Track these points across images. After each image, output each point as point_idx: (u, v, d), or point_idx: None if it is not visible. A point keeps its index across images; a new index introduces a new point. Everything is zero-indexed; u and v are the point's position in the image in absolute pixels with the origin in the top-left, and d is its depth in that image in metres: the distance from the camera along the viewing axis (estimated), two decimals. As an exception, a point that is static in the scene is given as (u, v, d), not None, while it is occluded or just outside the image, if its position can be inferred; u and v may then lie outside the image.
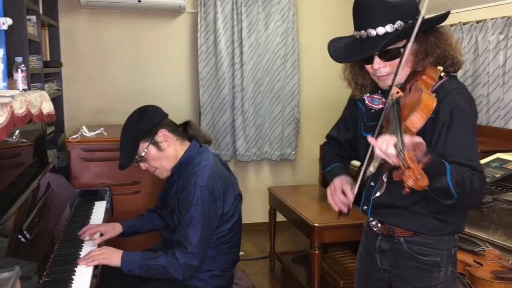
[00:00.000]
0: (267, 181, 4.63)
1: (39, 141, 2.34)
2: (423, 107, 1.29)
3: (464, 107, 1.41)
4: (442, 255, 1.53)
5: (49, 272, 1.72)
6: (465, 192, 1.31)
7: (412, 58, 1.46)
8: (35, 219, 1.85)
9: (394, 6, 1.40)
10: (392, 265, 1.61)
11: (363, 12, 1.44)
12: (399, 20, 1.40)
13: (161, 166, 2.08)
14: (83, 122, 3.78)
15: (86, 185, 3.00)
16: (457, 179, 1.30)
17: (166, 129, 2.05)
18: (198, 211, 1.93)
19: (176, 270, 1.90)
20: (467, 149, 1.39)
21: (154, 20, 4.26)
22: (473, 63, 3.52)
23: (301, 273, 3.45)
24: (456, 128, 1.39)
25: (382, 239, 1.62)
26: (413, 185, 1.13)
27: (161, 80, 4.28)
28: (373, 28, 1.41)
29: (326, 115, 4.53)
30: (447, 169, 1.29)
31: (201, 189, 1.94)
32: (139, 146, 2.02)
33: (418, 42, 1.44)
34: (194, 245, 1.91)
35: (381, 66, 1.46)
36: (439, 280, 1.54)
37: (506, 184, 2.30)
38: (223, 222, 2.06)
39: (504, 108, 3.24)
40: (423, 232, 1.52)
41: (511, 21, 3.13)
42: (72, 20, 4.07)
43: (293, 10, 4.43)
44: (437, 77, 1.43)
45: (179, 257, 1.90)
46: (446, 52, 1.44)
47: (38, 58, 3.04)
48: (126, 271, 1.92)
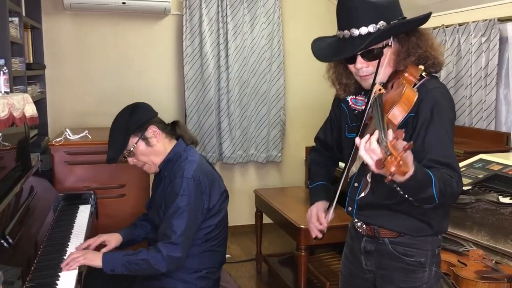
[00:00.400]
0: (253, 183, 4.63)
1: (22, 145, 2.31)
2: (404, 99, 1.33)
3: (444, 107, 1.45)
4: (426, 256, 1.55)
5: (32, 277, 1.69)
6: (445, 196, 1.35)
7: (394, 57, 1.48)
8: (18, 223, 1.82)
9: (377, 6, 1.42)
10: (377, 266, 1.62)
11: (346, 12, 1.45)
12: (382, 21, 1.42)
13: (150, 161, 2.10)
14: (67, 125, 3.74)
15: (70, 188, 2.97)
16: (440, 188, 1.32)
17: (156, 126, 2.08)
18: (184, 201, 1.94)
19: (159, 263, 1.89)
20: (445, 147, 1.42)
21: (139, 22, 4.23)
22: (455, 65, 3.56)
23: (287, 275, 3.45)
24: (435, 126, 1.42)
25: (367, 240, 1.63)
26: (396, 171, 1.13)
27: (146, 82, 4.26)
28: (356, 28, 1.43)
29: (312, 117, 4.56)
30: (432, 181, 1.31)
31: (187, 181, 1.96)
32: (129, 141, 2.04)
33: (400, 42, 1.47)
34: (178, 235, 1.91)
35: (363, 66, 1.48)
36: (423, 281, 1.55)
37: (489, 185, 2.33)
38: (209, 217, 2.06)
39: (486, 110, 3.29)
40: (408, 233, 1.54)
41: (493, 24, 3.18)
42: (55, 22, 4.02)
43: (278, 12, 4.44)
44: (418, 75, 1.46)
45: (162, 249, 1.89)
46: (427, 53, 1.47)
47: (21, 61, 3.00)
48: (108, 271, 1.90)
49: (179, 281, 2.03)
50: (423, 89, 1.46)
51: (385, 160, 1.14)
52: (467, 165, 2.58)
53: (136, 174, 3.15)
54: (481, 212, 2.12)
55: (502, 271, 1.89)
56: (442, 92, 1.48)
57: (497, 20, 3.16)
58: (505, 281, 1.83)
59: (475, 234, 2.15)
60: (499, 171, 2.41)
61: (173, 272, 2.02)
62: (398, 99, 1.33)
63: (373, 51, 1.45)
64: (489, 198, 2.13)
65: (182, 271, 2.04)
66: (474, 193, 2.23)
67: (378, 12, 1.42)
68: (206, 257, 2.08)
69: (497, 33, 3.16)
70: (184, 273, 2.03)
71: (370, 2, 1.42)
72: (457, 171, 1.41)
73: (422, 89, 1.46)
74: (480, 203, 2.13)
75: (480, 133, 3.31)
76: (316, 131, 1.88)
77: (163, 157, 2.10)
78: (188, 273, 2.03)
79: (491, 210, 2.09)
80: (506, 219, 2.03)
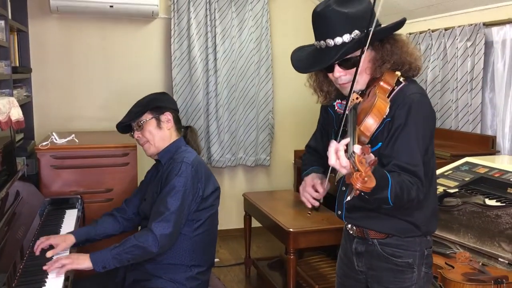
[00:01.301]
0: (242, 187, 4.62)
1: (8, 149, 2.28)
2: (375, 111, 1.36)
3: (419, 113, 1.46)
4: (414, 257, 1.57)
5: (18, 283, 1.67)
6: (402, 201, 1.39)
7: (370, 65, 1.51)
8: (3, 228, 1.80)
9: (350, 16, 1.45)
10: (367, 267, 1.64)
11: (321, 23, 1.49)
12: (356, 30, 1.45)
13: (153, 141, 2.17)
14: (53, 129, 3.70)
15: (57, 193, 2.94)
16: (396, 193, 1.36)
17: (172, 115, 2.21)
18: (181, 182, 2.00)
19: (151, 244, 1.90)
20: (412, 154, 1.44)
21: (127, 25, 4.21)
22: (442, 69, 3.60)
23: (276, 279, 3.45)
24: (406, 132, 1.44)
25: (357, 242, 1.66)
26: (361, 188, 1.18)
27: (133, 86, 4.23)
28: (332, 39, 1.47)
29: (301, 121, 4.57)
30: (389, 184, 1.35)
31: (186, 165, 2.04)
32: (144, 114, 2.16)
33: (375, 50, 1.50)
34: (171, 212, 1.94)
35: (341, 74, 1.51)
36: (412, 281, 1.57)
37: (475, 187, 2.36)
38: (201, 209, 2.08)
39: (472, 113, 3.33)
40: (395, 234, 1.56)
41: (478, 28, 3.22)
42: (42, 25, 3.99)
43: (267, 16, 4.45)
44: (394, 82, 1.49)
45: (154, 228, 1.92)
46: (402, 58, 1.50)
47: (7, 64, 2.97)
48: (100, 269, 1.88)
49: (169, 281, 2.03)
50: (401, 94, 1.48)
51: (351, 176, 1.19)
52: (453, 168, 2.61)
53: (123, 178, 3.13)
54: (467, 215, 2.14)
55: (489, 273, 1.91)
56: (419, 98, 1.48)
57: (482, 24, 3.20)
58: (492, 283, 1.85)
59: (462, 236, 2.17)
60: (485, 174, 2.43)
61: (164, 272, 2.02)
62: (370, 111, 1.36)
63: (350, 59, 1.48)
64: (476, 200, 2.15)
65: (172, 270, 2.04)
66: (460, 195, 2.25)
67: (352, 22, 1.45)
68: (196, 253, 2.09)
69: (483, 37, 3.20)
70: (173, 273, 2.03)
71: (343, 13, 1.45)
72: (420, 179, 1.43)
73: (399, 94, 1.49)
74: (467, 206, 2.15)
75: (466, 137, 3.34)
76: (304, 135, 1.90)
77: (165, 144, 2.18)
78: (178, 272, 2.03)
79: (477, 213, 2.11)
80: (492, 221, 2.05)
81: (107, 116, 4.14)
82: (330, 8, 1.47)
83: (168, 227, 1.93)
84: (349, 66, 1.49)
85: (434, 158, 1.58)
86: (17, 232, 1.94)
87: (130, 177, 3.16)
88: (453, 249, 2.14)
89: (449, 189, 2.35)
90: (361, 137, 1.34)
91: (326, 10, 1.48)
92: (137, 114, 2.17)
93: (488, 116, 3.35)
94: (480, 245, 2.09)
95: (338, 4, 1.47)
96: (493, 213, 2.05)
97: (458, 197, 2.24)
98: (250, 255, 3.76)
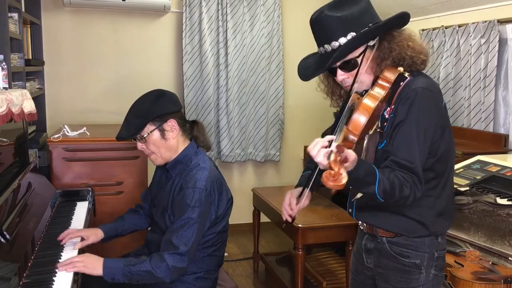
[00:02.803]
0: (251, 182, 4.63)
1: (20, 141, 2.30)
2: (361, 109, 1.37)
3: (424, 108, 1.44)
4: (422, 258, 1.55)
5: (29, 273, 1.69)
6: (393, 197, 1.41)
7: (371, 64, 1.51)
8: (15, 219, 1.82)
9: (343, 20, 1.46)
10: (375, 265, 1.64)
11: (317, 29, 1.51)
12: (351, 32, 1.46)
13: (159, 153, 2.04)
14: (65, 122, 3.73)
15: (68, 185, 2.97)
16: (385, 188, 1.38)
17: (176, 121, 2.03)
18: (196, 213, 1.90)
19: (164, 274, 1.85)
20: (410, 150, 1.43)
21: (139, 19, 4.22)
22: (455, 66, 3.56)
23: (284, 274, 3.45)
24: (406, 128, 1.44)
25: (367, 238, 1.67)
26: (332, 186, 1.19)
27: (144, 80, 4.24)
28: (328, 44, 1.48)
29: (311, 117, 4.56)
30: (377, 180, 1.37)
31: (199, 192, 1.92)
32: (145, 127, 1.99)
33: (372, 49, 1.50)
34: (189, 248, 1.87)
35: (344, 77, 1.52)
36: (419, 282, 1.56)
37: (486, 186, 2.34)
38: (213, 225, 2.04)
39: (484, 111, 3.29)
40: (403, 234, 1.55)
41: (492, 25, 3.19)
42: (55, 18, 4.02)
43: (278, 11, 4.44)
44: (394, 78, 1.47)
45: (168, 259, 1.85)
46: (402, 54, 1.48)
47: (20, 56, 2.99)
48: (109, 280, 1.86)
49: (177, 281, 2.01)
50: (406, 89, 1.47)
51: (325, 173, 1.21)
52: (465, 166, 2.59)
53: (134, 172, 3.15)
54: (478, 213, 2.13)
55: (499, 272, 1.90)
56: (421, 91, 1.45)
57: (496, 21, 3.16)
58: (502, 282, 1.84)
59: (472, 235, 2.16)
60: (496, 173, 2.41)
61: None
62: (356, 109, 1.37)
63: (349, 61, 1.49)
64: (487, 199, 2.14)
65: None
66: (471, 194, 2.24)
67: (346, 25, 1.46)
68: (205, 261, 2.07)
69: (497, 34, 3.16)
70: (182, 275, 2.02)
71: (336, 17, 1.46)
72: (417, 175, 1.43)
73: (404, 90, 1.48)
74: (478, 204, 2.14)
75: (478, 135, 3.31)
76: (314, 131, 1.91)
77: (173, 154, 2.05)
78: (186, 274, 2.02)
79: (488, 211, 2.09)
80: (503, 220, 2.03)
81: (118, 109, 4.14)
82: (323, 14, 1.49)
83: (182, 261, 1.87)
84: (350, 68, 1.50)
85: (448, 159, 1.54)
86: (29, 223, 1.96)
87: (141, 170, 3.18)
88: (463, 248, 2.13)
89: (460, 187, 2.34)
90: (349, 136, 1.35)
91: (319, 17, 1.50)
92: (137, 127, 1.99)
93: (501, 114, 3.32)
94: (490, 244, 2.08)
95: (330, 9, 1.49)
96: (504, 212, 2.03)
97: (469, 195, 2.23)
98: (258, 250, 3.77)
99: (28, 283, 1.62)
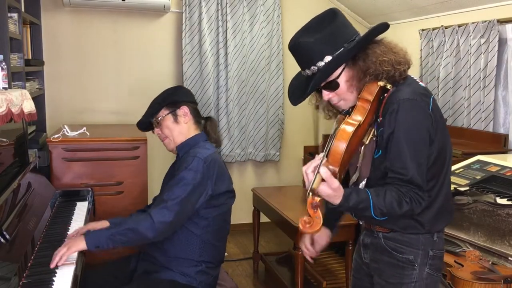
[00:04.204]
0: (251, 182, 4.63)
1: (20, 141, 2.30)
2: (339, 136, 1.40)
3: (408, 118, 1.45)
4: (416, 255, 1.56)
5: (29, 273, 1.69)
6: (394, 213, 1.46)
7: (352, 83, 1.53)
8: (15, 219, 1.82)
9: (318, 43, 1.49)
10: (371, 259, 1.67)
11: (296, 56, 1.58)
12: (327, 55, 1.49)
13: (171, 137, 2.20)
14: (65, 122, 3.73)
15: (68, 185, 2.97)
16: (381, 211, 1.43)
17: (189, 109, 2.21)
18: (191, 175, 2.00)
19: (147, 229, 1.90)
20: (404, 161, 1.45)
21: (138, 19, 4.22)
22: (454, 66, 3.56)
23: (284, 274, 3.45)
24: (396, 140, 1.46)
25: (365, 234, 1.70)
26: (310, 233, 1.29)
27: (145, 80, 4.25)
28: (308, 68, 1.54)
29: (310, 117, 4.56)
30: (370, 205, 1.42)
31: (198, 160, 2.03)
32: (160, 111, 2.19)
33: (350, 68, 1.52)
34: (175, 202, 1.94)
35: (330, 97, 1.57)
36: (411, 279, 1.56)
37: (486, 186, 2.34)
38: (210, 207, 2.08)
39: (484, 111, 3.29)
40: (397, 230, 1.57)
41: (492, 25, 3.19)
42: (54, 18, 4.02)
43: (278, 11, 4.44)
44: (373, 96, 1.48)
45: (153, 215, 1.92)
46: (378, 70, 1.48)
47: (20, 56, 2.99)
48: (93, 249, 1.88)
49: (179, 274, 2.04)
50: (390, 101, 1.49)
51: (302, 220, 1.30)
52: (464, 166, 2.59)
53: (134, 172, 3.15)
54: (478, 213, 2.13)
55: (499, 272, 1.90)
56: (403, 102, 1.46)
57: (496, 21, 3.16)
58: (501, 282, 1.84)
59: (472, 235, 2.16)
60: (496, 173, 2.41)
61: (174, 264, 2.03)
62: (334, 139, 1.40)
63: (331, 82, 1.53)
64: (486, 199, 2.14)
65: (182, 263, 2.05)
66: (471, 194, 2.24)
67: (320, 49, 1.49)
68: (205, 249, 2.09)
69: (496, 34, 3.16)
70: (183, 266, 2.04)
71: (311, 42, 1.50)
72: (417, 185, 1.45)
73: (388, 102, 1.49)
74: (478, 204, 2.14)
75: (478, 134, 3.31)
76: (314, 131, 1.93)
77: (184, 138, 2.19)
78: (188, 266, 2.05)
79: (488, 211, 2.09)
80: (503, 220, 2.03)
81: (118, 109, 4.16)
82: (298, 41, 1.53)
83: (168, 215, 1.93)
84: (333, 87, 1.54)
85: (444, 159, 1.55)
86: (29, 223, 1.96)
87: (141, 171, 3.18)
88: (463, 248, 2.13)
89: (460, 187, 2.34)
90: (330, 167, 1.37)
91: (295, 44, 1.55)
92: (153, 111, 2.20)
93: (500, 114, 3.32)
94: (490, 244, 2.08)
95: (303, 34, 1.53)
96: (504, 212, 2.03)
97: (469, 195, 2.23)
98: (258, 250, 3.77)
99: (28, 283, 1.62)
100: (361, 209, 1.43)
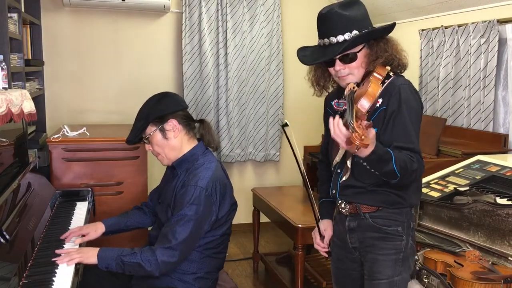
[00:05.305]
0: (251, 182, 4.63)
1: (20, 141, 2.30)
2: (370, 91, 1.60)
3: (409, 100, 1.69)
4: (402, 226, 1.76)
5: (29, 273, 1.69)
6: (407, 172, 1.61)
7: (366, 60, 1.74)
8: (15, 219, 1.82)
9: (350, 19, 1.70)
10: (360, 241, 1.81)
11: (326, 23, 1.73)
12: (355, 30, 1.69)
13: (163, 153, 2.08)
14: (65, 122, 3.73)
15: (68, 185, 2.97)
16: (400, 164, 1.58)
17: (177, 120, 2.05)
18: (192, 210, 1.92)
19: (152, 268, 1.88)
20: (409, 135, 1.66)
21: (138, 19, 4.23)
22: (454, 66, 3.56)
23: (284, 274, 3.45)
24: (401, 117, 1.66)
25: (350, 219, 1.82)
26: (360, 144, 1.39)
27: (144, 80, 4.25)
28: (334, 37, 1.70)
29: (310, 117, 4.56)
30: (392, 157, 1.57)
31: (200, 190, 1.94)
32: (147, 128, 2.05)
33: (370, 47, 1.74)
34: (178, 242, 1.89)
35: (341, 68, 1.74)
36: (400, 249, 1.75)
37: (486, 186, 2.34)
38: (215, 228, 2.04)
39: (484, 111, 3.29)
40: (384, 206, 1.75)
41: (492, 25, 3.19)
42: (54, 18, 4.02)
43: (278, 11, 4.44)
44: (385, 74, 1.71)
45: (158, 254, 1.88)
46: (393, 56, 1.73)
47: (19, 57, 2.99)
48: (103, 268, 1.89)
49: (177, 281, 2.02)
50: (391, 85, 1.71)
51: (351, 137, 1.40)
52: (464, 166, 2.59)
53: (134, 172, 3.16)
54: (478, 213, 2.13)
55: (498, 272, 1.90)
56: (408, 87, 1.71)
57: (496, 21, 3.16)
58: (501, 282, 1.84)
59: (471, 235, 2.16)
60: (496, 173, 2.41)
61: (171, 272, 2.01)
62: (365, 92, 1.60)
63: (349, 55, 1.72)
64: (486, 199, 2.14)
65: (180, 273, 2.03)
66: (471, 194, 2.23)
67: (351, 23, 1.70)
68: (205, 262, 2.07)
69: (496, 34, 3.16)
70: (182, 275, 2.02)
71: (344, 15, 1.69)
72: (417, 152, 1.66)
73: (390, 86, 1.71)
74: (477, 204, 2.14)
75: (478, 135, 3.31)
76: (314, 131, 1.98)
77: (178, 154, 2.07)
78: (187, 273, 2.03)
79: (488, 211, 2.09)
80: (503, 220, 2.03)
81: (118, 109, 4.16)
82: (334, 11, 1.71)
83: (173, 256, 1.89)
84: (348, 61, 1.72)
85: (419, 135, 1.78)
86: (28, 223, 1.96)
87: (140, 171, 3.18)
88: (463, 248, 2.12)
89: (460, 187, 2.34)
90: (358, 113, 1.54)
91: (330, 12, 1.72)
92: (140, 129, 2.06)
93: (500, 114, 3.32)
94: (490, 244, 2.08)
95: (340, 8, 1.71)
96: (504, 212, 2.03)
97: (469, 195, 2.23)
98: (258, 250, 3.77)
99: (28, 283, 1.62)
100: (385, 161, 1.55)
